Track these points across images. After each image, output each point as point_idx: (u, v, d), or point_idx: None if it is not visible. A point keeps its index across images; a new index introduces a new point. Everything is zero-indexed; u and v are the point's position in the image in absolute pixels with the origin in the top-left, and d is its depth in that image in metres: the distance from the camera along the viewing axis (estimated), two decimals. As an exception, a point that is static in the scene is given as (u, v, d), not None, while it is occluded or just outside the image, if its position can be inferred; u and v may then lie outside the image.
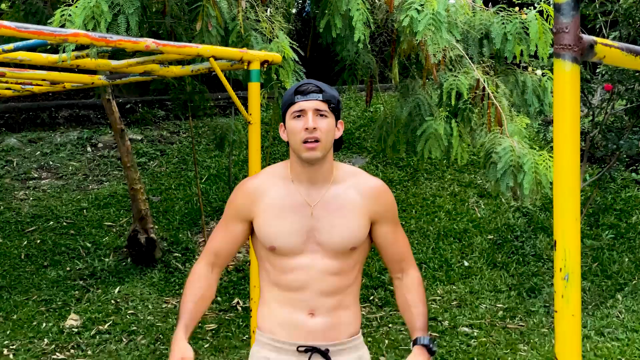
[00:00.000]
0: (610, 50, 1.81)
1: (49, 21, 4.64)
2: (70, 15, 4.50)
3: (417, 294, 3.06)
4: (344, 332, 3.01)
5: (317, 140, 2.85)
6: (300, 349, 2.94)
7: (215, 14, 4.98)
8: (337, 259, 2.94)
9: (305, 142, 2.85)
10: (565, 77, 1.71)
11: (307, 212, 2.92)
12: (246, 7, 5.30)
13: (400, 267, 3.10)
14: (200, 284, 3.03)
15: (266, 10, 5.58)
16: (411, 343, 3.03)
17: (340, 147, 3.10)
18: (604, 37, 7.87)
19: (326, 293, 2.94)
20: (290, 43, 5.27)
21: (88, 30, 4.32)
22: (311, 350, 2.95)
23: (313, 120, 2.85)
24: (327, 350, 2.96)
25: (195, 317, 2.99)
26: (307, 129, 2.84)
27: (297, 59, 5.30)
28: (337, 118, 2.97)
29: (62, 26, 4.41)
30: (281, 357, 2.97)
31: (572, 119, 1.71)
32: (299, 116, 2.88)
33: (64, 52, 4.50)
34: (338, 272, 2.95)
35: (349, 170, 3.05)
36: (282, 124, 2.98)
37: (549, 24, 5.80)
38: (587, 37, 1.73)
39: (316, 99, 2.88)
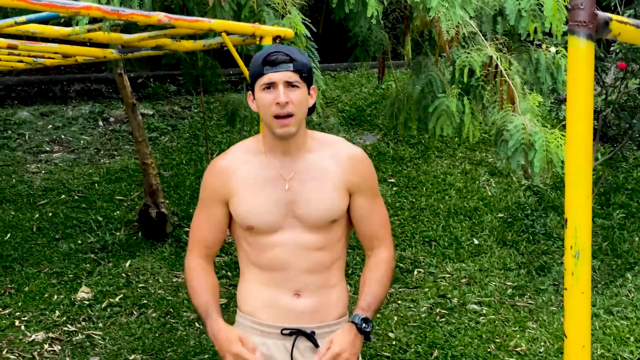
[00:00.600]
0: (625, 27, 1.80)
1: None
2: (84, -11, 4.49)
3: (377, 273, 2.87)
4: (331, 313, 2.85)
5: (289, 115, 2.69)
6: (284, 332, 2.79)
7: (228, -12, 4.96)
8: (318, 233, 2.78)
9: (277, 117, 2.69)
10: (580, 54, 1.70)
11: (282, 186, 2.77)
12: (259, -19, 5.28)
13: (371, 245, 2.94)
14: (206, 276, 2.94)
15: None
16: None
17: (313, 112, 2.93)
18: (619, 15, 7.81)
19: (311, 270, 2.79)
20: (302, 19, 5.25)
21: (102, 4, 4.31)
22: (296, 333, 2.79)
23: (284, 93, 2.68)
24: (313, 332, 2.80)
25: (218, 306, 2.90)
26: (278, 103, 2.67)
27: (309, 35, 5.29)
28: (310, 84, 2.80)
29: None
30: (264, 341, 2.82)
31: (586, 96, 1.70)
32: (268, 88, 2.70)
33: (77, 25, 4.50)
34: (321, 246, 2.80)
35: (326, 140, 2.91)
36: (250, 92, 2.83)
37: (564, 1, 5.76)
38: (602, 14, 1.72)
39: (287, 70, 2.70)
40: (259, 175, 2.79)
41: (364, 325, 2.74)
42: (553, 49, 6.29)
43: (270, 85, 2.70)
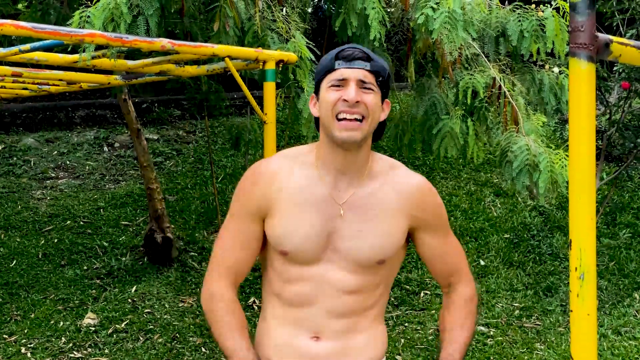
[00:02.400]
0: (626, 49, 1.80)
1: (67, 22, 4.66)
2: (89, 16, 4.52)
3: (458, 315, 2.51)
4: (357, 357, 2.42)
5: (359, 120, 2.24)
6: None
7: (232, 14, 4.99)
8: (357, 273, 2.35)
9: (340, 118, 2.24)
10: (581, 76, 1.70)
11: (331, 211, 2.32)
12: (263, 7, 5.32)
13: (448, 282, 2.55)
14: (235, 312, 2.40)
15: (282, 10, 5.59)
16: None
17: (381, 136, 2.46)
18: (621, 35, 7.83)
19: (336, 314, 2.37)
20: (307, 43, 5.27)
21: (107, 31, 4.34)
22: None
23: (356, 91, 2.23)
24: None
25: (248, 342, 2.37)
26: (345, 100, 2.22)
27: (314, 59, 5.31)
28: (385, 95, 2.36)
29: (81, 28, 4.44)
30: None
31: (588, 118, 1.70)
32: (338, 86, 2.26)
33: (83, 52, 4.53)
34: (356, 290, 2.37)
35: (387, 162, 2.43)
36: (313, 95, 2.38)
37: (566, 21, 5.78)
38: (602, 36, 1.72)
39: (363, 68, 2.26)
40: (307, 192, 2.34)
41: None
42: (556, 70, 6.31)
43: (341, 83, 2.26)
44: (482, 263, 8.27)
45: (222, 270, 2.43)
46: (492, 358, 6.36)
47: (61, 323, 6.91)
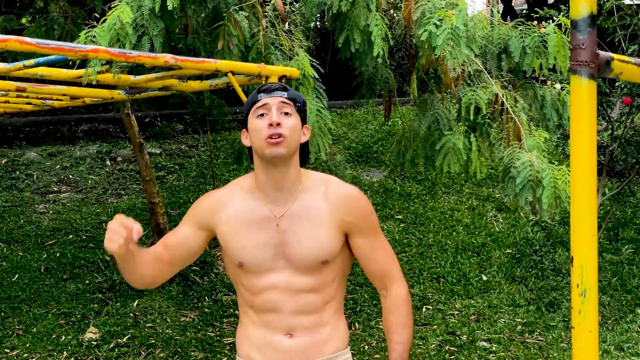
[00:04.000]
0: (627, 67, 1.81)
1: (74, 40, 4.69)
2: (94, 36, 4.55)
3: (399, 317, 2.82)
4: (326, 349, 2.81)
5: (280, 136, 2.64)
6: None
7: (236, 32, 5.02)
8: (309, 275, 2.73)
9: (268, 138, 2.64)
10: (582, 93, 1.71)
11: (273, 225, 2.72)
12: (267, 25, 5.34)
13: (383, 284, 2.86)
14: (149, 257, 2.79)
15: (285, 26, 5.61)
16: None
17: (307, 161, 2.90)
18: (623, 50, 7.85)
19: (302, 312, 2.75)
20: (310, 60, 5.29)
21: (111, 47, 4.36)
22: None
23: (277, 115, 2.66)
24: None
25: (139, 252, 2.73)
26: (270, 125, 2.64)
27: (317, 76, 5.33)
28: (304, 121, 2.79)
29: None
30: None
31: (589, 135, 1.71)
32: (262, 114, 2.68)
33: (89, 67, 4.55)
34: (312, 289, 2.75)
35: (319, 178, 2.83)
36: (244, 130, 2.79)
37: (568, 37, 5.79)
38: (603, 54, 1.73)
39: (281, 96, 2.71)
40: (250, 212, 2.74)
41: None
42: (558, 86, 6.32)
43: (264, 110, 2.69)
44: (485, 278, 8.27)
45: (156, 245, 2.87)
46: (494, 374, 6.36)
47: (63, 337, 6.91)
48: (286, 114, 2.69)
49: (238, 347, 2.89)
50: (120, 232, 2.58)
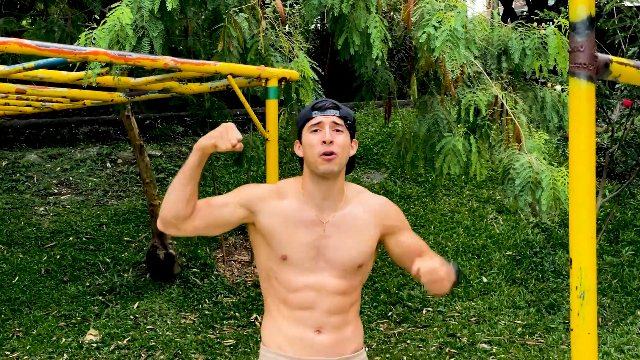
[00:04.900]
0: (625, 69, 1.81)
1: (74, 44, 4.68)
2: (94, 38, 4.54)
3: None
4: (348, 347, 3.02)
5: (333, 153, 2.86)
6: None
7: (236, 34, 5.02)
8: (344, 278, 2.96)
9: (321, 155, 2.86)
10: (581, 95, 1.71)
11: (318, 230, 2.94)
12: (266, 27, 5.34)
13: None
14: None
15: (285, 28, 5.61)
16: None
17: (353, 169, 3.11)
18: (623, 52, 7.85)
19: (333, 312, 2.96)
20: (310, 62, 5.29)
21: (110, 50, 4.36)
22: None
23: (330, 133, 2.88)
24: None
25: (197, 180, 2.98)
26: (324, 142, 2.86)
27: (316, 78, 5.32)
28: (352, 136, 3.01)
29: (85, 46, 4.45)
30: None
31: (588, 137, 1.71)
32: (315, 130, 2.90)
33: (88, 70, 4.55)
34: (345, 291, 2.97)
35: (355, 189, 3.08)
36: (297, 140, 3.01)
37: (568, 39, 5.79)
38: (602, 56, 1.73)
39: (333, 114, 2.92)
40: (298, 212, 2.95)
41: (452, 263, 2.95)
42: (558, 87, 6.32)
43: (318, 127, 2.90)
44: (485, 280, 8.27)
45: (201, 200, 3.01)
46: (494, 376, 6.35)
47: (63, 339, 6.91)
48: (338, 131, 2.91)
49: (267, 337, 3.06)
50: (238, 136, 2.82)
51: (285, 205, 2.96)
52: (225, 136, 2.84)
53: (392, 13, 6.44)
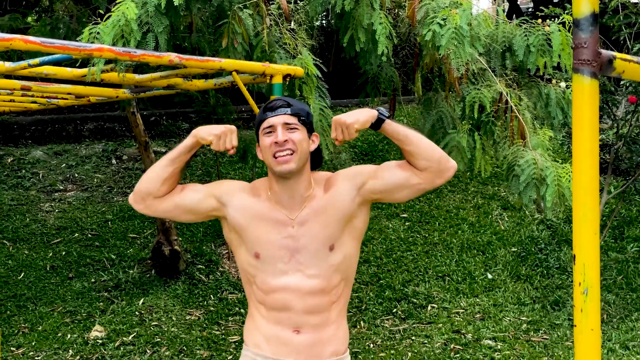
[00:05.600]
0: (629, 65, 1.81)
1: (77, 38, 4.68)
2: (98, 33, 4.54)
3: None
4: (326, 348, 2.97)
5: (291, 152, 2.85)
6: None
7: (241, 31, 5.01)
8: (320, 277, 2.92)
9: (275, 156, 2.85)
10: (584, 91, 1.71)
11: (288, 228, 2.91)
12: (270, 24, 5.34)
13: (407, 165, 2.92)
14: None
15: (290, 24, 5.61)
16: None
17: (320, 164, 3.08)
18: (628, 49, 7.84)
19: (310, 312, 2.93)
20: (313, 59, 5.28)
21: (115, 46, 4.36)
22: None
23: (282, 133, 2.85)
24: None
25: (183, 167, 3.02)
26: (276, 142, 2.84)
27: (320, 75, 5.32)
28: (311, 131, 2.98)
29: (91, 43, 4.45)
30: None
31: (591, 133, 1.71)
32: (269, 132, 2.89)
33: (92, 66, 4.54)
34: (322, 290, 2.93)
35: (320, 177, 3.02)
36: (257, 144, 2.99)
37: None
38: (606, 52, 1.73)
39: (284, 113, 2.89)
40: (268, 211, 2.94)
41: (380, 109, 2.88)
42: (563, 84, 6.31)
43: (271, 129, 2.88)
44: (490, 276, 8.27)
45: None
46: (499, 372, 6.35)
47: (69, 336, 6.93)
48: (292, 129, 2.88)
49: (246, 336, 3.06)
50: (235, 142, 2.89)
51: (256, 202, 2.95)
52: (224, 138, 2.89)
53: (396, 9, 6.43)
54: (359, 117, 2.85)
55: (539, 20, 5.98)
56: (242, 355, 3.08)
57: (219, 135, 2.88)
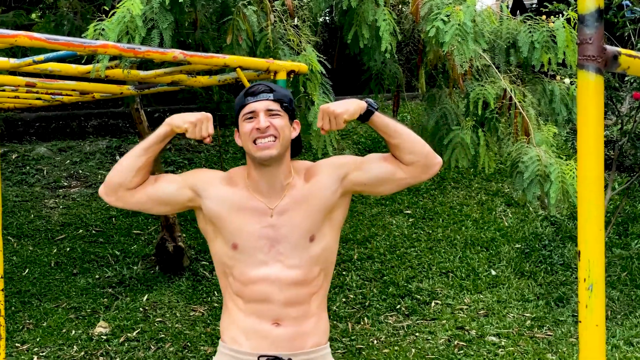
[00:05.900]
0: (634, 61, 1.81)
1: (82, 35, 4.69)
2: (103, 29, 4.55)
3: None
4: (308, 341, 2.90)
5: (274, 138, 2.77)
6: (261, 358, 2.84)
7: (245, 27, 5.02)
8: (300, 267, 2.84)
9: (255, 142, 2.77)
10: (589, 88, 1.71)
11: (267, 217, 2.83)
12: (274, 20, 5.34)
13: (390, 158, 2.89)
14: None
15: (294, 20, 5.61)
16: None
17: (300, 152, 3.01)
18: (633, 45, 7.83)
19: (290, 303, 2.85)
20: (317, 56, 5.29)
21: (119, 43, 4.36)
22: (273, 359, 2.84)
23: (265, 119, 2.77)
24: (290, 359, 2.86)
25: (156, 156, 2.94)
26: (258, 129, 2.76)
27: (324, 71, 5.32)
28: (292, 118, 2.90)
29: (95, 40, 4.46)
30: None
31: (596, 130, 1.71)
32: (250, 118, 2.80)
33: (97, 63, 4.55)
34: (303, 281, 2.86)
35: (302, 165, 2.96)
36: (236, 129, 2.91)
37: (577, 32, 5.77)
38: (611, 48, 1.73)
39: (267, 99, 2.81)
40: (246, 200, 2.86)
41: (369, 100, 2.85)
42: (567, 80, 6.31)
43: (252, 115, 2.80)
44: (494, 273, 8.26)
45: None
46: (503, 368, 6.35)
47: (73, 332, 6.94)
48: (274, 115, 2.80)
49: (223, 332, 2.96)
50: (211, 130, 2.80)
51: (233, 192, 2.86)
52: (200, 126, 2.79)
53: (400, 6, 6.43)
54: (349, 107, 2.80)
55: (543, 17, 5.98)
56: (218, 352, 2.98)
57: (194, 122, 2.79)
